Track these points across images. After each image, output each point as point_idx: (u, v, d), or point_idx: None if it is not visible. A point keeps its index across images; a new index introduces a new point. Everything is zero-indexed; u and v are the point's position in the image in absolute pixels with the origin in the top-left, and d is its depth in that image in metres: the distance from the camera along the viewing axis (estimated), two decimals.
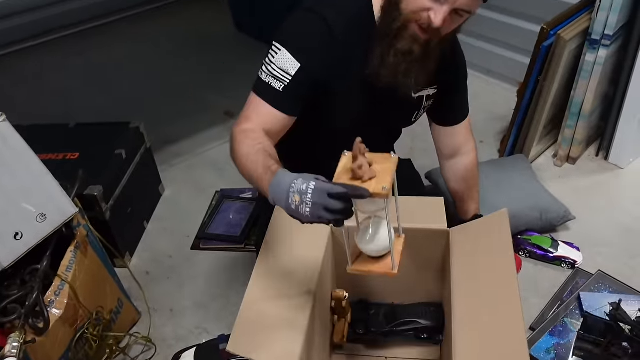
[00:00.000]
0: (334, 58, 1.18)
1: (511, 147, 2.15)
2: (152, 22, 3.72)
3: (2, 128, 1.12)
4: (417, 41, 1.13)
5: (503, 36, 2.59)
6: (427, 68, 1.19)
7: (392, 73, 1.17)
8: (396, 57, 1.14)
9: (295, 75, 1.14)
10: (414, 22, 1.11)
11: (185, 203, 2.13)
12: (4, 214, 1.16)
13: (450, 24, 1.11)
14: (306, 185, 0.87)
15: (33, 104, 2.88)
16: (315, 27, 1.16)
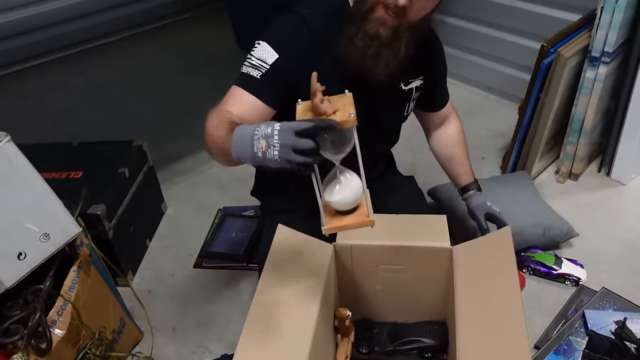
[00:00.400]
0: (312, 50, 1.20)
1: (513, 164, 2.16)
2: (153, 41, 3.76)
3: (6, 148, 1.13)
4: (384, 24, 1.14)
5: (503, 53, 2.61)
6: (398, 54, 1.19)
7: (360, 55, 1.18)
8: (364, 40, 1.16)
9: (272, 64, 1.18)
10: (381, 5, 1.13)
11: (188, 221, 2.13)
12: (7, 234, 1.16)
13: (417, 4, 1.12)
14: (271, 128, 0.86)
15: (35, 124, 2.90)
16: (294, 24, 1.22)
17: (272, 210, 1.62)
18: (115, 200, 1.79)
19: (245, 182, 2.05)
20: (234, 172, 2.35)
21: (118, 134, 2.69)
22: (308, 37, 1.21)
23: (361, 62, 1.19)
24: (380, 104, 1.36)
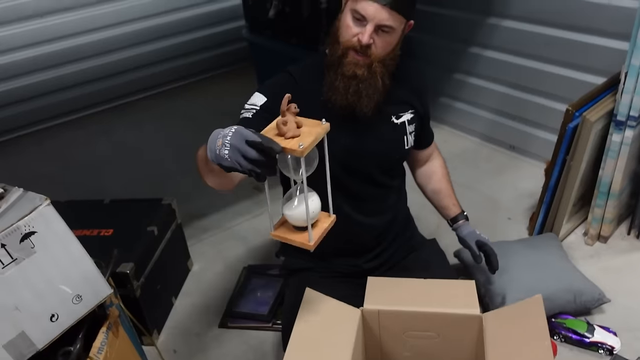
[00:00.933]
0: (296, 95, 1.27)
1: (540, 225, 2.14)
2: (181, 98, 3.87)
3: (46, 212, 1.16)
4: (357, 64, 1.30)
5: (526, 113, 2.63)
6: (377, 87, 1.33)
7: (342, 94, 1.33)
8: (343, 82, 1.32)
9: (261, 105, 1.34)
10: (350, 49, 1.29)
11: (213, 279, 2.14)
12: (41, 296, 1.18)
13: (380, 42, 1.29)
14: (229, 129, 0.98)
15: (65, 179, 2.97)
16: (281, 77, 1.43)
17: (293, 269, 1.64)
18: (143, 259, 1.81)
19: (271, 240, 2.07)
20: (260, 230, 2.37)
21: (145, 189, 2.76)
22: (293, 84, 1.39)
23: (345, 100, 1.33)
24: (376, 137, 1.45)
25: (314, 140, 1.00)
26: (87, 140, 3.41)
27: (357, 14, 1.27)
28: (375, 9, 1.25)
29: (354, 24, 1.28)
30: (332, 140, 1.36)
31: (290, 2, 2.90)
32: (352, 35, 1.29)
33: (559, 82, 2.41)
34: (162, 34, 3.86)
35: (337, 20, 1.34)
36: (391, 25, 1.27)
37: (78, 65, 3.61)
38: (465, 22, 2.71)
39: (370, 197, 1.52)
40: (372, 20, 1.26)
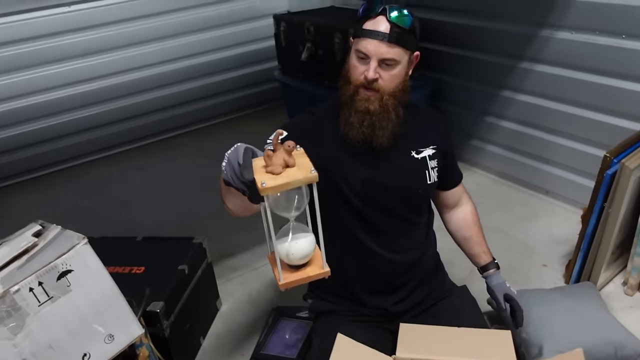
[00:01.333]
0: (315, 131, 1.44)
1: (577, 274, 2.07)
2: (214, 136, 3.94)
3: (83, 251, 1.18)
4: (369, 100, 1.36)
5: (562, 158, 2.59)
6: (390, 119, 1.38)
7: (357, 129, 1.38)
8: (357, 117, 1.38)
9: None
10: (360, 87, 1.37)
11: (242, 319, 2.12)
12: (75, 335, 1.18)
13: (386, 75, 1.35)
14: (234, 146, 1.11)
15: (99, 214, 3.02)
16: (302, 115, 1.51)
17: (321, 311, 1.62)
18: (173, 298, 1.81)
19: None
20: None
21: (177, 226, 2.78)
22: (313, 122, 1.47)
23: (361, 134, 1.38)
24: (395, 170, 1.46)
25: (285, 184, 1.00)
26: (121, 176, 3.48)
27: (360, 53, 1.35)
28: (374, 45, 1.32)
29: (359, 63, 1.36)
30: (351, 173, 1.43)
31: (323, 46, 2.96)
32: (360, 73, 1.36)
33: (594, 127, 2.38)
34: (197, 74, 3.97)
35: (346, 63, 1.42)
36: (393, 58, 1.33)
37: (115, 104, 3.73)
38: (498, 67, 2.72)
39: (395, 232, 1.52)
40: (374, 56, 1.33)
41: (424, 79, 2.95)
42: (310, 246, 1.10)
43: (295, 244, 1.10)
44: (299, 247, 1.10)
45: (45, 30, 3.34)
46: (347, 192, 1.44)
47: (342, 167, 1.43)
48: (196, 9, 3.84)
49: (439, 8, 2.94)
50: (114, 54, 3.62)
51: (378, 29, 1.32)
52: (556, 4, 2.36)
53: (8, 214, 3.12)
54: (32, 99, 3.43)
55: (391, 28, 1.32)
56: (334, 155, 1.43)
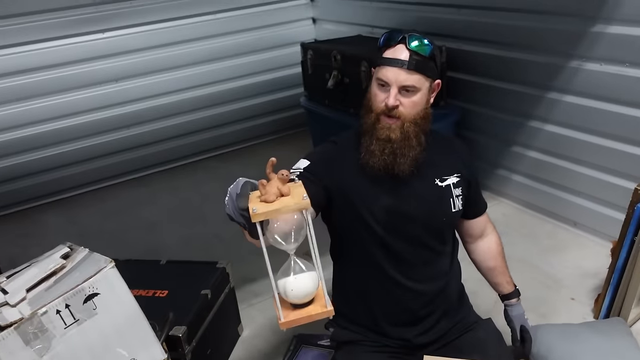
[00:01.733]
0: (337, 160, 1.46)
1: (607, 309, 2.02)
2: (240, 161, 3.99)
3: (110, 274, 1.20)
4: (390, 129, 1.37)
5: (591, 190, 2.55)
6: (411, 146, 1.38)
7: (379, 156, 1.38)
8: (378, 144, 1.38)
9: (305, 168, 1.43)
10: (381, 115, 1.38)
11: (263, 346, 2.11)
12: (98, 358, 1.20)
13: (407, 102, 1.36)
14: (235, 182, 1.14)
15: (125, 236, 3.07)
16: (326, 144, 1.53)
17: (342, 341, 1.60)
18: (196, 322, 1.82)
19: None
20: None
21: (201, 249, 2.80)
22: (335, 151, 1.49)
23: (382, 162, 1.39)
24: (418, 198, 1.46)
25: (275, 211, 0.99)
26: (150, 198, 3.53)
27: (380, 80, 1.37)
28: (393, 72, 1.34)
29: (380, 91, 1.38)
30: (374, 202, 1.43)
31: (349, 74, 2.99)
32: (381, 101, 1.37)
33: (624, 159, 2.34)
34: (226, 99, 4.05)
35: (367, 92, 1.44)
36: (412, 84, 1.35)
37: (145, 127, 3.82)
38: (525, 96, 2.70)
39: (419, 261, 1.50)
40: (393, 83, 1.34)
41: (450, 108, 2.95)
42: (312, 283, 1.06)
43: (295, 280, 1.06)
44: (300, 285, 1.06)
45: (81, 55, 3.46)
46: (371, 220, 1.43)
47: (365, 196, 1.43)
48: (226, 36, 3.94)
49: (466, 38, 2.95)
50: (146, 79, 3.73)
51: (398, 56, 1.34)
52: (586, 35, 2.35)
53: (38, 234, 3.19)
54: (67, 122, 3.54)
55: (410, 55, 1.34)
56: (357, 184, 1.43)
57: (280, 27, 4.16)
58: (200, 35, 3.84)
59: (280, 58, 4.15)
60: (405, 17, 3.28)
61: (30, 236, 3.17)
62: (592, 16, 2.30)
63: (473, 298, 1.74)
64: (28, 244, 3.03)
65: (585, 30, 2.35)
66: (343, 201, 1.45)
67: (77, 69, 3.47)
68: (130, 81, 3.67)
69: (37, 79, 3.36)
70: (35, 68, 3.35)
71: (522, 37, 2.64)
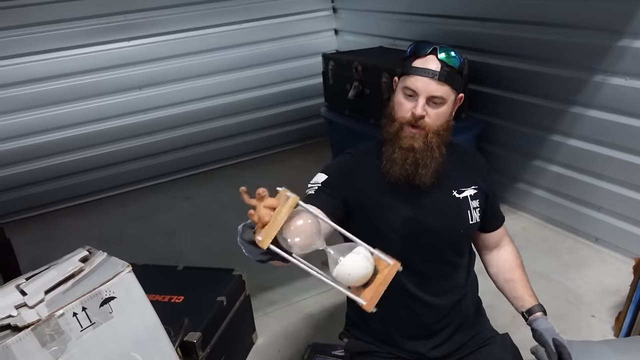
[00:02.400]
0: (355, 172, 1.45)
1: (628, 327, 1.98)
2: (256, 169, 4.01)
3: (127, 278, 1.21)
4: (414, 138, 1.36)
5: (613, 205, 2.51)
6: (433, 157, 1.37)
7: (400, 165, 1.37)
8: (400, 153, 1.37)
9: (322, 182, 1.42)
10: (406, 124, 1.36)
11: (277, 354, 2.11)
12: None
13: (433, 113, 1.35)
14: None
15: (144, 241, 3.10)
16: (342, 157, 1.52)
17: (356, 352, 1.59)
18: (210, 329, 1.82)
19: (337, 319, 2.03)
20: (326, 306, 2.33)
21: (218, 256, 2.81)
22: (352, 162, 1.48)
23: (404, 171, 1.37)
24: (437, 209, 1.44)
25: (273, 226, 0.98)
26: (168, 205, 3.57)
27: (408, 90, 1.35)
28: (423, 82, 1.33)
29: (406, 101, 1.36)
30: (393, 212, 1.42)
31: (370, 85, 2.99)
32: (407, 110, 1.36)
33: None
34: (247, 108, 4.10)
35: (390, 101, 1.43)
36: (441, 96, 1.34)
37: (167, 134, 3.88)
38: (548, 110, 2.68)
39: (435, 274, 1.48)
40: (422, 93, 1.33)
41: (471, 121, 2.93)
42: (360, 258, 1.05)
43: (344, 266, 1.04)
44: (352, 266, 1.04)
45: (107, 63, 3.54)
46: (388, 232, 1.42)
47: (383, 207, 1.43)
48: (249, 46, 3.99)
49: (489, 51, 2.93)
50: (169, 87, 3.78)
51: (429, 66, 1.34)
52: (611, 49, 2.32)
53: (58, 237, 3.23)
54: (91, 128, 3.61)
55: (441, 67, 1.34)
56: (375, 194, 1.43)
57: (302, 38, 4.19)
58: (223, 44, 3.89)
59: (302, 68, 4.18)
60: (428, 29, 3.28)
61: (51, 239, 3.22)
62: (618, 30, 2.27)
63: (490, 312, 1.72)
64: (49, 247, 3.08)
65: (610, 45, 2.32)
66: (360, 212, 1.44)
67: (103, 76, 3.54)
68: (154, 89, 3.73)
69: (64, 85, 3.45)
70: (63, 75, 3.43)
71: (545, 50, 2.62)
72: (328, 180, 1.43)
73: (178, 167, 3.96)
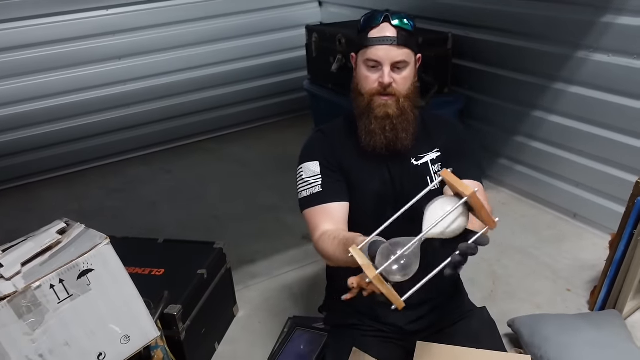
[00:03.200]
0: (332, 147, 1.48)
1: (603, 301, 2.02)
2: (240, 143, 3.98)
3: (105, 251, 1.19)
4: (387, 105, 1.37)
5: (592, 181, 2.53)
6: (409, 120, 1.40)
7: (380, 134, 1.39)
8: (378, 123, 1.39)
9: (320, 169, 1.44)
10: (375, 95, 1.38)
11: (258, 327, 2.12)
12: (91, 334, 1.20)
13: (399, 79, 1.37)
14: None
15: (125, 214, 3.07)
16: (314, 137, 1.53)
17: (336, 325, 1.61)
18: (191, 301, 1.82)
19: (318, 292, 2.04)
20: (308, 280, 2.35)
21: (199, 229, 2.81)
22: (326, 138, 1.51)
23: (384, 139, 1.39)
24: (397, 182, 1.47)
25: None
26: (150, 177, 3.53)
27: (370, 62, 1.36)
28: (384, 50, 1.34)
29: (371, 72, 1.37)
30: (364, 185, 1.45)
31: None
32: (373, 81, 1.37)
33: (627, 151, 2.32)
34: (228, 80, 4.03)
35: (353, 77, 1.44)
36: (404, 59, 1.36)
37: (147, 106, 3.81)
38: (531, 86, 2.68)
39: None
40: (386, 61, 1.35)
41: (454, 96, 2.92)
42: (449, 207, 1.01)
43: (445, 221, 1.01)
44: (450, 221, 1.01)
45: (84, 32, 3.44)
46: (361, 204, 1.46)
47: (359, 180, 1.46)
48: (231, 17, 3.91)
49: (473, 25, 2.92)
50: (149, 58, 3.71)
51: (386, 34, 1.35)
52: (595, 25, 2.32)
53: (37, 209, 3.19)
54: (68, 98, 3.53)
55: (397, 32, 1.35)
56: (353, 171, 1.46)
57: (286, 9, 4.12)
58: (205, 14, 3.80)
59: (285, 40, 4.12)
60: (412, 2, 3.24)
61: (30, 211, 3.17)
62: (602, 6, 2.26)
63: (468, 286, 1.75)
64: (27, 219, 3.04)
65: (594, 20, 2.31)
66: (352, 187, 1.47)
67: (80, 45, 3.45)
68: (134, 59, 3.66)
69: (39, 54, 3.35)
70: (37, 43, 3.33)
71: (529, 25, 2.61)
72: (322, 164, 1.45)
73: (159, 139, 3.91)
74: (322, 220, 1.40)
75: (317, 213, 1.42)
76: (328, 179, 1.43)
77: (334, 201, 1.42)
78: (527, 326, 1.83)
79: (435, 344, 1.45)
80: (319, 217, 1.41)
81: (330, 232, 1.35)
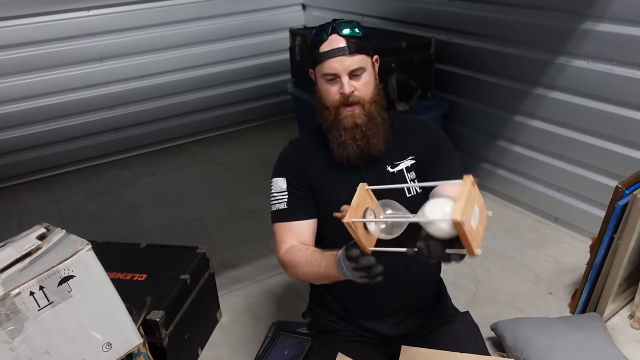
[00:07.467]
0: (301, 161, 1.48)
1: (583, 304, 2.04)
2: (222, 146, 3.95)
3: (86, 257, 1.17)
4: (352, 114, 1.37)
5: (572, 186, 2.57)
6: (378, 125, 1.40)
7: (352, 144, 1.39)
8: (347, 133, 1.38)
9: (287, 186, 1.45)
10: (340, 107, 1.38)
11: (241, 332, 2.11)
12: (72, 341, 1.18)
13: (360, 85, 1.37)
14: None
15: (106, 217, 3.03)
16: (286, 151, 1.53)
17: (318, 330, 1.60)
18: (174, 307, 1.80)
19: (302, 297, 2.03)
20: (292, 285, 2.34)
21: (182, 233, 2.78)
22: (296, 152, 1.51)
23: (357, 148, 1.39)
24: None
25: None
26: (132, 180, 3.50)
27: (327, 75, 1.37)
28: (338, 61, 1.34)
29: (330, 85, 1.38)
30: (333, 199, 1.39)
31: None
32: (334, 93, 1.37)
33: (607, 156, 2.36)
34: (211, 83, 4.01)
35: (316, 92, 1.44)
36: (359, 66, 1.36)
37: (129, 109, 3.78)
38: (512, 91, 2.71)
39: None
40: (342, 72, 1.35)
41: (437, 100, 2.94)
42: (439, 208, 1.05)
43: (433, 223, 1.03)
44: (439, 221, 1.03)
45: (65, 33, 3.40)
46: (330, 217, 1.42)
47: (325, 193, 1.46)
48: (214, 19, 3.89)
49: (456, 30, 2.94)
50: (131, 60, 3.67)
51: (336, 46, 1.35)
52: (575, 32, 2.35)
53: (16, 213, 3.14)
54: (48, 100, 3.48)
55: (347, 41, 1.35)
56: (318, 183, 1.47)
57: (269, 12, 4.12)
58: (187, 17, 3.78)
59: (269, 43, 4.11)
60: (395, 7, 3.25)
61: (9, 215, 3.12)
62: (582, 13, 2.30)
63: (451, 290, 1.75)
64: (6, 223, 2.99)
65: (574, 27, 2.35)
66: (317, 198, 1.48)
67: (60, 46, 3.41)
68: (115, 61, 3.62)
69: (17, 55, 3.30)
70: (15, 44, 3.29)
71: (511, 31, 2.64)
72: (289, 182, 1.46)
73: (142, 142, 3.87)
74: (288, 236, 1.43)
75: (283, 228, 1.45)
76: (294, 196, 1.45)
77: (299, 219, 1.44)
78: (510, 329, 1.84)
79: (419, 348, 1.46)
80: (284, 232, 1.44)
81: (301, 245, 1.39)
